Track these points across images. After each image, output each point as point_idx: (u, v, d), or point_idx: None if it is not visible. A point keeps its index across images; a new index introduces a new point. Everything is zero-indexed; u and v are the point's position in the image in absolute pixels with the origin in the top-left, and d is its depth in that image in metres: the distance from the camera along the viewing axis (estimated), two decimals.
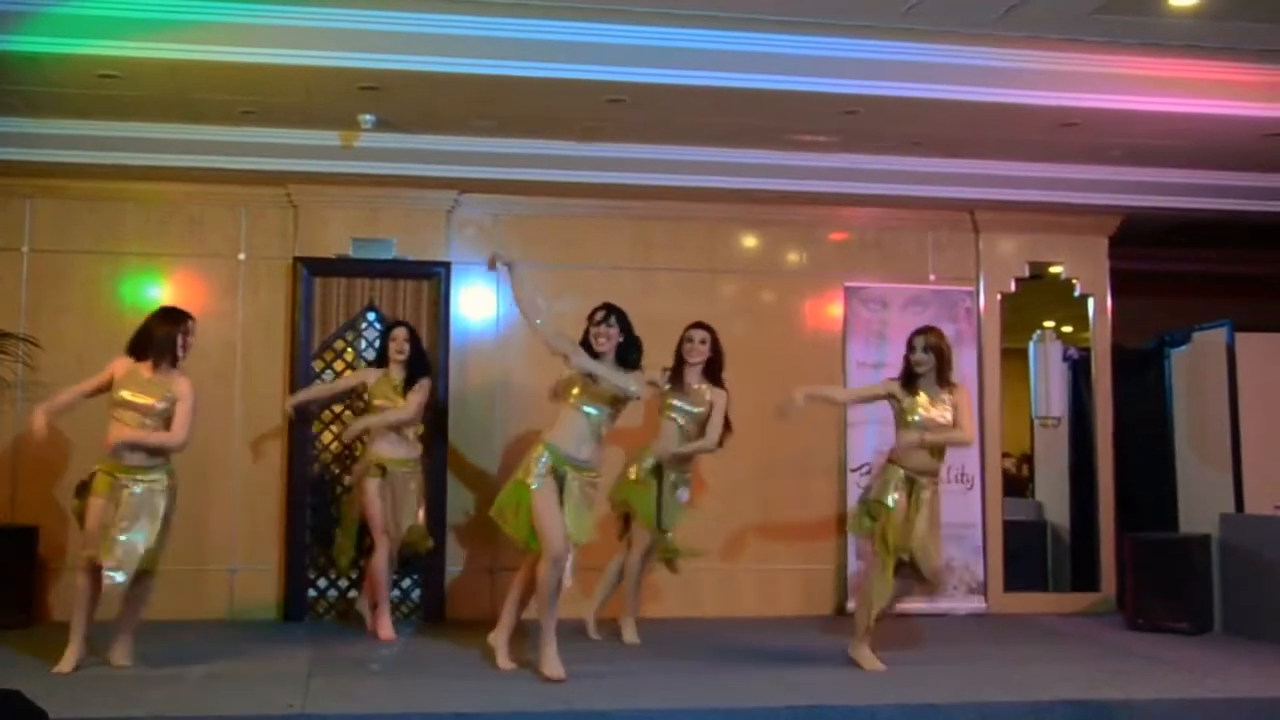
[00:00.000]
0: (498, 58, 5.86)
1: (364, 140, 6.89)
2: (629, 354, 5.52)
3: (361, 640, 6.48)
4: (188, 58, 5.72)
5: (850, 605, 7.67)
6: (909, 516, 5.70)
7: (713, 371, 6.43)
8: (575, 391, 5.48)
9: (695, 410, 6.36)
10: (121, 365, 5.49)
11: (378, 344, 7.47)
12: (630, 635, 6.48)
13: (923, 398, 5.73)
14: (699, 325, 6.49)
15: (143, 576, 5.42)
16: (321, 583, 7.30)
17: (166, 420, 5.42)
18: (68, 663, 5.36)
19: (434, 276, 7.51)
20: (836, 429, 7.82)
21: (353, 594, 7.30)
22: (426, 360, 6.83)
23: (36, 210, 7.34)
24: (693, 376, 6.42)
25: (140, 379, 5.45)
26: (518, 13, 5.72)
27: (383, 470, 6.53)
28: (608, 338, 5.49)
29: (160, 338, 5.48)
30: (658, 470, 6.36)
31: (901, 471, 5.74)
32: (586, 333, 5.55)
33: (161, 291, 7.40)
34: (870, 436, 7.77)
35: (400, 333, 6.70)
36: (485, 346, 7.65)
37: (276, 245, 7.50)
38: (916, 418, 5.70)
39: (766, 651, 6.27)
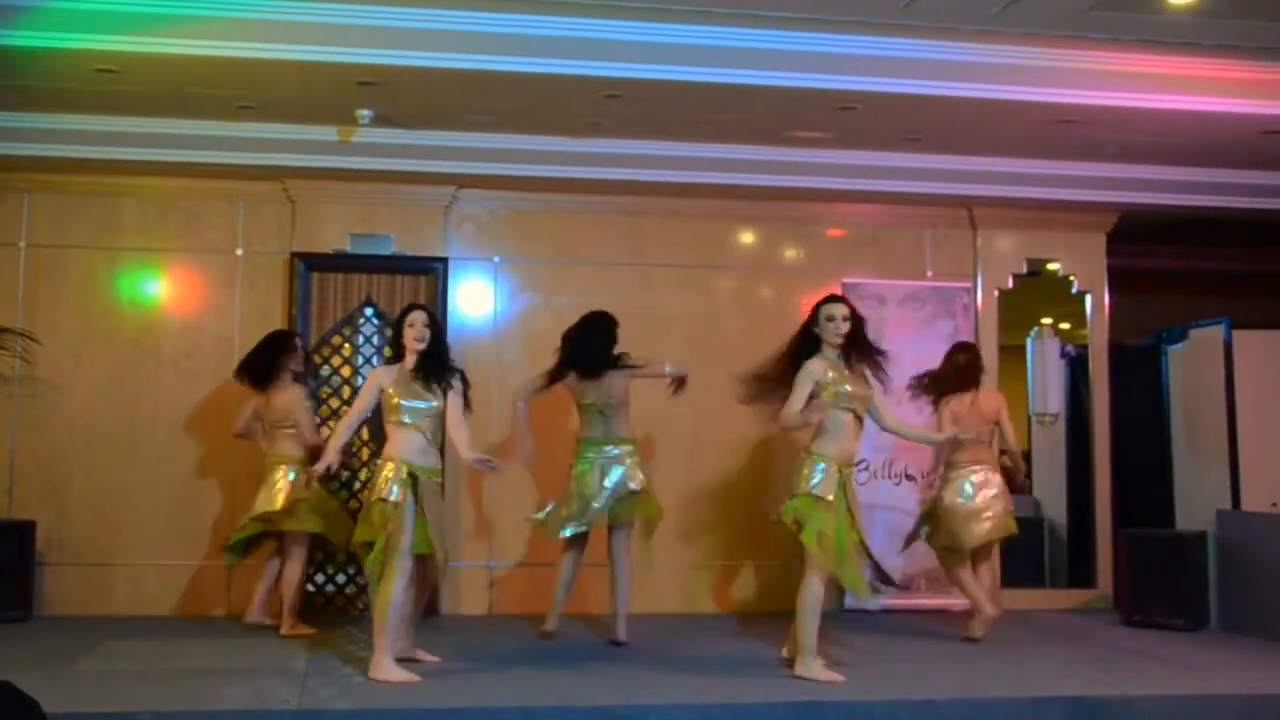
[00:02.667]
0: (495, 53, 5.85)
1: (361, 135, 6.88)
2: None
3: (357, 638, 6.48)
4: (185, 53, 5.72)
5: (848, 602, 7.68)
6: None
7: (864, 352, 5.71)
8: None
9: (867, 394, 5.63)
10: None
11: (375, 339, 7.49)
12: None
13: None
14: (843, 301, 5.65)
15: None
16: (319, 579, 7.29)
17: None
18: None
19: (432, 272, 7.52)
20: None
21: (349, 590, 7.32)
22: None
23: (33, 205, 7.34)
24: (844, 357, 5.61)
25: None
26: (515, 8, 5.71)
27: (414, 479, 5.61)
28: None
29: None
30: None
31: None
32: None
33: (158, 287, 7.43)
34: (868, 433, 7.74)
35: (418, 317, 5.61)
36: (483, 342, 7.64)
37: (274, 240, 7.50)
38: None
39: (764, 647, 6.27)
